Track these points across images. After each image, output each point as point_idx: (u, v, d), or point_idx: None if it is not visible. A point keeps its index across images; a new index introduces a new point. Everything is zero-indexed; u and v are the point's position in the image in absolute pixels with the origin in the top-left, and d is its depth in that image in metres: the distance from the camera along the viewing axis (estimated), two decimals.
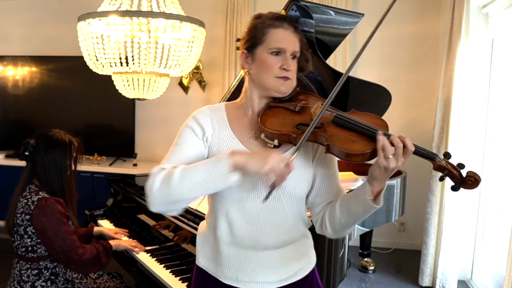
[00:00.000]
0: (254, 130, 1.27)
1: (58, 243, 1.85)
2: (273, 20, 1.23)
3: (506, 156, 3.14)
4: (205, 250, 1.34)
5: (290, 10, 1.96)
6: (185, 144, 1.23)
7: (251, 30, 1.24)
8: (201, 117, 1.28)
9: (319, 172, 1.27)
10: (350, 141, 1.12)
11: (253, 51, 1.23)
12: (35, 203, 1.86)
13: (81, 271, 1.98)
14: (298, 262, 1.32)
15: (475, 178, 1.08)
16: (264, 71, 1.21)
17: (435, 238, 3.33)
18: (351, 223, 1.20)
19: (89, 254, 1.92)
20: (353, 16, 2.27)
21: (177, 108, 4.59)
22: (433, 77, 4.03)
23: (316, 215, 1.29)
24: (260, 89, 1.26)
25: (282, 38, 1.21)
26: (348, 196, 1.21)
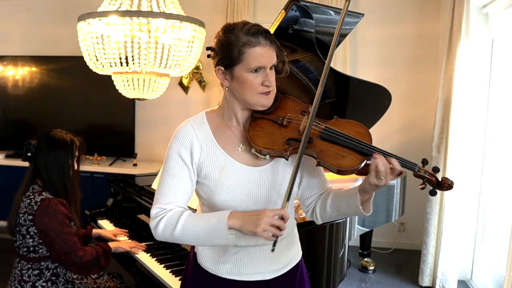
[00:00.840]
0: (241, 141, 1.28)
1: (59, 244, 1.85)
2: (249, 36, 1.17)
3: (506, 156, 3.14)
4: (205, 251, 1.35)
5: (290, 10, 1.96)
6: (177, 176, 1.23)
7: (225, 47, 1.20)
8: (186, 137, 1.26)
9: (305, 169, 1.33)
10: (339, 156, 1.18)
11: (230, 70, 1.21)
12: (38, 203, 1.87)
13: (81, 273, 1.98)
14: (290, 251, 1.39)
15: (448, 183, 1.19)
16: (246, 90, 1.20)
17: (435, 238, 3.33)
18: (341, 217, 1.34)
19: (89, 256, 1.92)
20: (353, 16, 2.27)
21: (177, 108, 4.59)
22: (433, 77, 4.03)
23: (306, 207, 1.37)
24: (242, 103, 1.26)
25: (260, 56, 1.18)
26: (339, 197, 1.27)
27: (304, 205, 1.38)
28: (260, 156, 1.23)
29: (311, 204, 1.35)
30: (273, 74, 1.23)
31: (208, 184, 1.24)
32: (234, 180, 1.23)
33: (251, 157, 1.26)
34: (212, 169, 1.24)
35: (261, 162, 1.26)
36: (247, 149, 1.26)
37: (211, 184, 1.24)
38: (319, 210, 1.32)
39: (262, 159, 1.24)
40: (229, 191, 1.23)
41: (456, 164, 3.16)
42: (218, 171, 1.23)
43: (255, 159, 1.26)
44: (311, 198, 1.35)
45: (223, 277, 1.31)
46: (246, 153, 1.26)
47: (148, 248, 2.15)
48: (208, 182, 1.24)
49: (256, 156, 1.24)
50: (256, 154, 1.24)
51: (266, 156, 1.23)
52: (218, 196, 1.23)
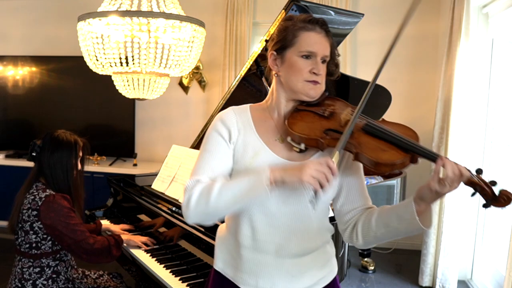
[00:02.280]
0: (280, 132, 1.24)
1: (68, 235, 1.89)
2: (305, 22, 1.19)
3: (506, 156, 3.13)
4: (224, 254, 1.31)
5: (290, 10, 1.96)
6: (216, 152, 1.21)
7: (281, 31, 1.21)
8: (227, 119, 1.24)
9: (346, 180, 1.24)
10: (380, 149, 1.10)
11: (282, 53, 1.20)
12: (43, 199, 1.89)
13: (92, 261, 1.99)
14: (320, 271, 1.29)
15: (508, 196, 1.05)
16: (293, 74, 1.19)
17: (435, 238, 3.33)
18: (388, 237, 1.17)
19: (100, 244, 1.96)
20: (353, 16, 2.27)
21: (177, 108, 4.59)
22: (433, 77, 4.03)
23: (344, 224, 1.25)
24: (288, 92, 1.23)
25: (313, 42, 1.18)
26: (388, 211, 1.16)
27: (341, 222, 1.26)
28: (295, 146, 1.17)
29: (351, 220, 1.23)
30: (324, 68, 1.21)
31: (238, 169, 1.21)
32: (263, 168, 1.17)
33: (286, 149, 1.21)
34: (244, 154, 1.21)
35: (295, 157, 1.20)
36: (284, 140, 1.22)
37: (241, 168, 1.20)
38: (362, 227, 1.19)
39: (296, 151, 1.18)
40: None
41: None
42: (250, 157, 1.20)
43: (290, 151, 1.20)
44: (351, 213, 1.24)
45: (238, 286, 1.26)
46: (282, 144, 1.22)
47: (149, 248, 2.15)
48: (238, 167, 1.21)
49: (291, 147, 1.19)
50: (291, 143, 1.18)
51: (301, 145, 1.16)
52: None
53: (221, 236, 1.34)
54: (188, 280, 1.81)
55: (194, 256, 1.90)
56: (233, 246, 1.27)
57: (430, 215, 1.11)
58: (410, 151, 1.09)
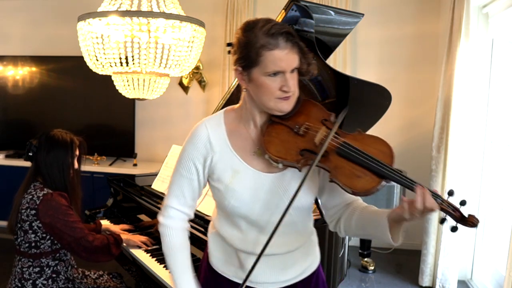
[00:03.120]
0: (257, 146, 1.23)
1: (68, 233, 1.89)
2: (268, 37, 1.09)
3: (506, 156, 3.13)
4: (217, 251, 1.35)
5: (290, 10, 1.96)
6: (186, 179, 1.27)
7: (243, 47, 1.13)
8: (199, 142, 1.23)
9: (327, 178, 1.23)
10: (354, 176, 1.09)
11: (248, 71, 1.14)
12: (41, 198, 1.90)
13: (91, 259, 1.99)
14: (306, 261, 1.35)
15: (473, 222, 1.11)
16: (263, 94, 1.14)
17: (435, 238, 3.32)
18: (366, 237, 1.29)
19: (99, 242, 1.97)
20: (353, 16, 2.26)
21: (177, 108, 4.59)
22: (433, 77, 4.03)
23: (330, 217, 1.30)
24: (260, 106, 1.20)
25: (278, 60, 1.10)
26: (366, 218, 1.19)
27: (327, 215, 1.31)
28: (273, 164, 1.18)
29: (335, 215, 1.28)
30: (294, 77, 1.15)
31: (220, 188, 1.23)
32: (245, 186, 1.20)
33: (265, 163, 1.21)
34: (223, 173, 1.22)
35: (275, 169, 1.21)
36: (262, 154, 1.21)
37: (222, 188, 1.22)
38: (344, 224, 1.24)
39: (275, 166, 1.20)
40: (239, 196, 1.20)
41: (456, 164, 3.16)
42: (231, 176, 1.21)
43: (268, 165, 1.21)
44: (334, 209, 1.28)
45: (234, 281, 1.30)
46: (260, 158, 1.22)
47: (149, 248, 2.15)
48: (219, 186, 1.23)
49: (269, 163, 1.20)
50: (269, 160, 1.19)
51: (279, 165, 1.18)
52: (228, 201, 1.22)
53: (213, 233, 1.38)
54: None
55: (194, 256, 1.90)
56: (224, 244, 1.32)
57: (400, 232, 1.15)
58: (385, 177, 1.08)
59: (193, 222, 1.94)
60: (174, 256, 1.30)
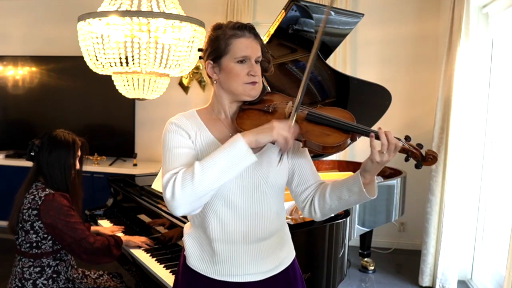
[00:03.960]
0: (230, 131, 1.31)
1: (69, 234, 1.89)
2: (234, 29, 1.27)
3: (506, 156, 3.14)
4: (196, 251, 1.35)
5: (290, 10, 1.96)
6: (181, 148, 1.24)
7: (213, 41, 1.29)
8: (181, 123, 1.29)
9: (297, 162, 1.36)
10: (324, 134, 1.22)
11: (218, 62, 1.28)
12: (43, 198, 1.90)
13: (92, 261, 1.99)
14: (282, 251, 1.39)
15: (433, 155, 1.20)
16: (233, 79, 1.27)
17: (435, 238, 3.33)
18: (341, 208, 1.32)
19: (100, 244, 1.97)
20: (353, 16, 2.27)
21: (177, 108, 4.58)
22: (433, 77, 4.03)
23: (302, 202, 1.38)
24: (230, 95, 1.31)
25: (245, 47, 1.26)
26: (339, 185, 1.29)
27: (299, 201, 1.39)
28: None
29: (308, 198, 1.36)
30: (258, 68, 1.30)
31: None
32: None
33: None
34: (203, 153, 1.26)
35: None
36: None
37: None
38: (318, 202, 1.33)
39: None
40: None
41: (456, 164, 3.16)
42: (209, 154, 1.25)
43: None
44: (306, 191, 1.36)
45: (213, 278, 1.31)
46: None
47: (149, 247, 2.15)
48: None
49: None
50: None
51: None
52: None
53: (189, 233, 1.39)
54: None
55: None
56: (204, 241, 1.32)
57: (374, 185, 1.26)
58: (350, 131, 1.22)
59: None
60: (207, 162, 1.14)
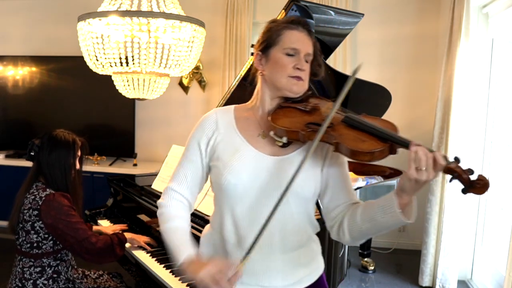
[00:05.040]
0: (262, 128, 1.28)
1: (70, 235, 1.88)
2: (288, 23, 1.26)
3: (506, 156, 3.14)
4: (209, 251, 1.33)
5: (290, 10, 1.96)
6: (191, 162, 1.31)
7: (265, 33, 1.28)
8: (206, 123, 1.32)
9: (332, 175, 1.26)
10: (359, 140, 1.12)
11: (267, 52, 1.26)
12: (43, 198, 1.89)
13: (95, 261, 1.97)
14: (305, 268, 1.31)
15: (484, 181, 1.04)
16: (277, 71, 1.23)
17: (435, 238, 3.33)
18: (373, 232, 1.19)
19: (103, 243, 1.94)
20: (353, 16, 2.27)
21: (177, 108, 4.59)
22: (433, 77, 4.03)
23: (331, 220, 1.27)
24: (272, 89, 1.27)
25: (296, 39, 1.23)
26: (372, 205, 1.16)
27: (329, 219, 1.28)
28: (277, 140, 1.20)
29: (338, 217, 1.24)
30: (307, 67, 1.26)
31: (218, 166, 1.25)
32: (244, 164, 1.22)
33: (269, 144, 1.25)
34: (224, 151, 1.25)
35: (279, 152, 1.24)
36: (267, 135, 1.26)
37: (220, 165, 1.24)
38: (348, 222, 1.20)
39: (279, 145, 1.21)
40: (236, 173, 1.21)
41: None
42: (231, 154, 1.24)
43: (272, 146, 1.24)
44: (338, 209, 1.25)
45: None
46: (264, 139, 1.26)
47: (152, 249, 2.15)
48: (218, 164, 1.25)
49: (274, 141, 1.22)
50: (273, 137, 1.21)
51: (283, 139, 1.20)
52: (225, 177, 1.21)
53: (206, 234, 1.38)
54: (188, 280, 1.81)
55: None
56: (218, 242, 1.30)
57: (412, 208, 1.10)
58: (388, 140, 1.10)
59: (193, 222, 1.94)
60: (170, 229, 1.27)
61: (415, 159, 1.02)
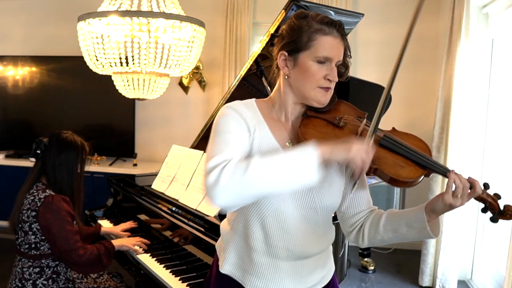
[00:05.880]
0: (290, 137, 1.19)
1: (60, 242, 1.87)
2: (322, 24, 1.12)
3: (506, 156, 3.14)
4: (233, 257, 1.26)
5: (290, 10, 1.96)
6: (236, 135, 1.10)
7: (294, 31, 1.14)
8: (240, 110, 1.15)
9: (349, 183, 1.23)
10: (398, 166, 1.09)
11: (295, 56, 1.14)
12: (42, 200, 1.89)
13: (82, 272, 1.98)
14: (323, 270, 1.31)
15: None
16: (306, 79, 1.13)
17: (435, 238, 3.32)
18: (395, 241, 1.19)
19: (90, 255, 1.92)
20: (353, 16, 2.27)
21: (177, 108, 4.59)
22: (433, 77, 4.03)
23: (350, 227, 1.25)
24: (297, 96, 1.18)
25: (330, 47, 1.12)
26: (397, 218, 1.16)
27: (346, 225, 1.26)
28: None
29: (357, 223, 1.23)
30: (336, 72, 1.16)
31: None
32: None
33: None
34: (259, 152, 1.14)
35: None
36: (295, 145, 1.17)
37: None
38: (369, 230, 1.19)
39: None
40: None
41: (456, 164, 3.16)
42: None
43: None
44: (357, 216, 1.23)
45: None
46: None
47: (149, 248, 2.15)
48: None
49: None
50: None
51: None
52: None
53: (228, 239, 1.28)
54: (188, 280, 1.81)
55: (194, 256, 1.90)
56: (244, 249, 1.23)
57: (439, 224, 1.14)
58: (427, 168, 1.09)
59: (193, 222, 1.94)
60: (268, 159, 1.00)
61: (452, 186, 1.05)
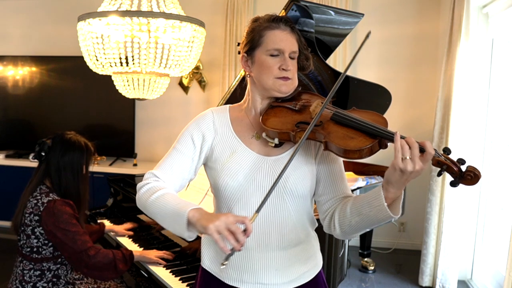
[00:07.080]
0: (256, 130, 1.28)
1: (68, 244, 1.84)
2: (270, 22, 1.24)
3: (506, 156, 3.14)
4: (210, 251, 1.34)
5: (290, 10, 1.96)
6: (180, 153, 1.27)
7: (249, 33, 1.27)
8: (202, 122, 1.30)
9: (323, 169, 1.26)
10: (347, 137, 1.11)
11: (252, 54, 1.25)
12: (45, 204, 1.87)
13: (94, 276, 1.91)
14: (304, 265, 1.30)
15: (475, 173, 1.02)
16: (263, 73, 1.23)
17: (435, 238, 3.33)
18: (362, 226, 1.16)
19: (102, 257, 1.87)
20: (353, 16, 2.26)
21: (177, 108, 4.59)
22: (433, 77, 4.03)
23: (323, 213, 1.27)
24: (261, 90, 1.28)
25: (279, 39, 1.22)
26: (361, 199, 1.15)
27: (321, 212, 1.28)
28: (269, 141, 1.22)
29: (330, 209, 1.24)
30: (294, 64, 1.25)
31: (216, 167, 1.26)
32: (241, 165, 1.23)
33: (263, 146, 1.26)
34: (222, 153, 1.26)
35: (272, 152, 1.25)
36: (260, 136, 1.27)
37: (218, 167, 1.25)
38: (338, 216, 1.19)
39: (272, 146, 1.23)
40: (233, 174, 1.22)
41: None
42: (228, 155, 1.25)
43: (266, 147, 1.25)
44: (329, 202, 1.25)
45: (225, 283, 1.28)
46: (258, 141, 1.27)
47: (149, 248, 2.15)
48: (216, 165, 1.26)
49: (266, 142, 1.24)
50: (266, 139, 1.23)
51: (275, 140, 1.21)
52: (222, 178, 1.23)
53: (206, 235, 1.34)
54: (188, 280, 1.81)
55: (194, 256, 1.90)
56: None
57: (399, 203, 1.09)
58: (377, 136, 1.08)
59: None
60: (162, 196, 1.16)
61: (399, 148, 1.01)
